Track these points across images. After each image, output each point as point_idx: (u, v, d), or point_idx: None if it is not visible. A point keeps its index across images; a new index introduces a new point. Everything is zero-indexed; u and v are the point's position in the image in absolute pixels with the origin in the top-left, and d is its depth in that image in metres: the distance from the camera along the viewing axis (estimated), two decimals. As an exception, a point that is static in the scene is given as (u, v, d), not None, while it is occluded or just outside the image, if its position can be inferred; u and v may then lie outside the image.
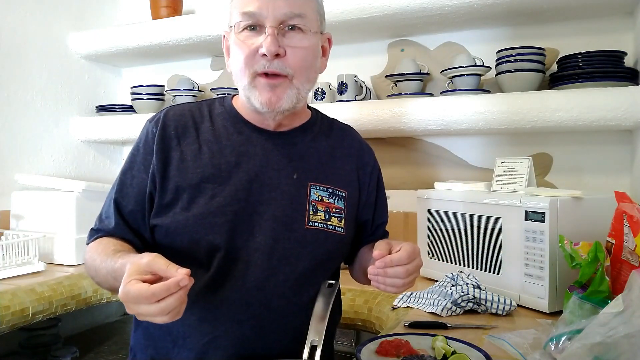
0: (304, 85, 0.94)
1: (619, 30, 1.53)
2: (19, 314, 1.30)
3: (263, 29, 0.89)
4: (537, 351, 0.87)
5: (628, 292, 0.76)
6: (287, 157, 0.97)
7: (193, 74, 2.18)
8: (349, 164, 1.05)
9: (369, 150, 1.11)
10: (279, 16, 0.88)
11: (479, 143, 1.72)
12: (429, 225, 1.46)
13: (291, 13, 0.89)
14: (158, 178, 0.93)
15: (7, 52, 1.89)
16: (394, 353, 0.86)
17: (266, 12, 0.88)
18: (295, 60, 0.91)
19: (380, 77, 1.86)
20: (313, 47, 0.94)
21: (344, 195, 1.01)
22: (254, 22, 0.89)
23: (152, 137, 0.95)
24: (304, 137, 1.01)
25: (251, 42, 0.90)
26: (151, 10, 2.10)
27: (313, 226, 0.96)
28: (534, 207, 1.16)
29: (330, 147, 1.04)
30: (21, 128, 1.95)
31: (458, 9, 1.52)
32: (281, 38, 0.89)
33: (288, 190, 0.95)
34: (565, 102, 1.38)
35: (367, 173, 1.07)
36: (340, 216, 1.00)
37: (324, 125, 1.07)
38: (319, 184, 0.98)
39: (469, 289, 1.15)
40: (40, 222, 1.71)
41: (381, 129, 1.64)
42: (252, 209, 0.92)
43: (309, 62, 0.94)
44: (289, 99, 0.92)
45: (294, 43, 0.90)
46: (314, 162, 1.00)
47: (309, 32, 0.92)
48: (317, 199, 0.97)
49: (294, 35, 0.91)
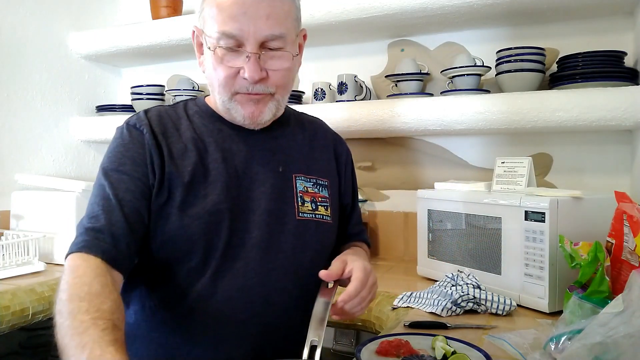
0: (284, 97, 0.96)
1: (619, 30, 1.53)
2: (19, 314, 1.30)
3: (243, 48, 0.87)
4: (537, 351, 0.87)
5: (628, 292, 0.75)
6: (270, 151, 0.98)
7: (193, 74, 2.17)
8: (326, 154, 1.08)
9: (341, 140, 1.15)
10: (259, 38, 0.86)
11: (479, 143, 1.72)
12: (429, 225, 1.46)
13: (272, 35, 0.87)
14: (157, 173, 0.89)
15: (7, 52, 1.89)
16: (394, 353, 0.86)
17: (247, 35, 0.85)
18: (276, 80, 0.91)
19: (380, 77, 1.86)
20: (294, 64, 0.93)
21: (326, 184, 1.04)
22: (233, 44, 0.87)
23: (140, 135, 0.91)
24: (283, 131, 1.02)
25: (231, 63, 0.88)
26: (151, 10, 2.09)
27: (303, 217, 0.97)
28: (534, 207, 1.16)
29: (307, 138, 1.06)
30: (21, 128, 1.95)
31: (458, 9, 1.52)
32: (263, 59, 0.88)
33: (276, 184, 0.96)
34: (565, 102, 1.38)
35: (342, 162, 1.11)
36: (326, 205, 1.02)
37: (296, 119, 1.09)
38: (303, 174, 1.00)
39: (469, 289, 1.15)
40: (40, 222, 1.70)
41: (381, 129, 1.64)
42: (245, 205, 0.93)
43: (289, 78, 0.95)
44: (270, 112, 0.94)
45: (276, 66, 0.90)
46: (295, 154, 1.02)
47: (290, 52, 0.90)
48: (303, 190, 0.99)
49: (276, 57, 0.89)
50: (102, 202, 0.87)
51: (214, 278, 0.89)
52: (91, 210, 0.88)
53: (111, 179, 0.88)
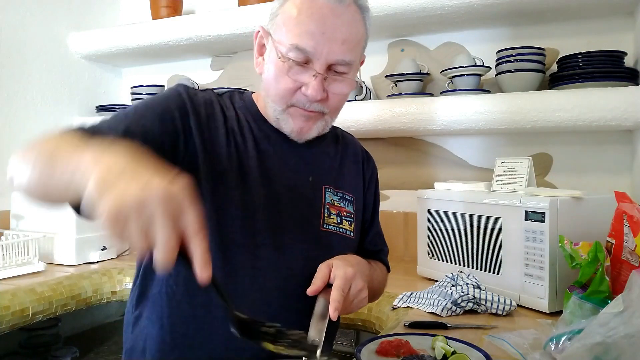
0: (333, 118, 0.96)
1: (619, 30, 1.53)
2: (19, 314, 1.30)
3: (310, 65, 0.86)
4: (537, 351, 0.87)
5: (628, 292, 0.75)
6: (303, 159, 0.98)
7: (193, 74, 2.18)
8: (354, 170, 1.07)
9: (370, 158, 1.14)
10: (330, 61, 0.86)
11: (479, 143, 1.72)
12: (429, 225, 1.46)
13: (342, 61, 0.87)
14: (182, 141, 0.84)
15: (7, 52, 1.89)
16: (394, 353, 0.86)
17: (319, 55, 0.85)
18: (334, 104, 0.91)
19: (380, 77, 1.86)
20: (352, 90, 0.94)
21: (352, 200, 1.03)
22: (303, 59, 0.86)
23: (184, 100, 0.87)
24: (319, 142, 1.01)
25: (295, 76, 0.87)
26: (151, 10, 2.10)
27: (327, 229, 0.97)
28: (534, 207, 1.16)
29: (340, 153, 1.06)
30: (21, 128, 1.95)
31: (458, 9, 1.52)
32: (327, 81, 0.88)
33: (305, 192, 0.96)
34: (565, 102, 1.38)
35: (367, 179, 1.10)
36: (350, 220, 1.02)
37: (332, 132, 1.08)
38: (332, 187, 1.00)
39: (469, 289, 1.15)
40: (40, 222, 1.71)
41: (381, 129, 1.64)
42: (273, 207, 0.91)
43: (344, 102, 0.95)
44: (317, 129, 0.94)
45: (338, 90, 0.89)
46: (326, 166, 1.02)
47: (353, 79, 0.90)
48: (331, 202, 0.99)
49: (339, 81, 0.89)
50: (112, 122, 0.82)
51: (232, 275, 0.87)
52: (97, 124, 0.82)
53: (136, 110, 0.85)
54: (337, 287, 0.82)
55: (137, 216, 0.50)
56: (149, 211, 0.50)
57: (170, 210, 0.51)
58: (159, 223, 0.50)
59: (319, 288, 0.85)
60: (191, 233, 0.53)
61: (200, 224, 0.53)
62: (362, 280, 0.87)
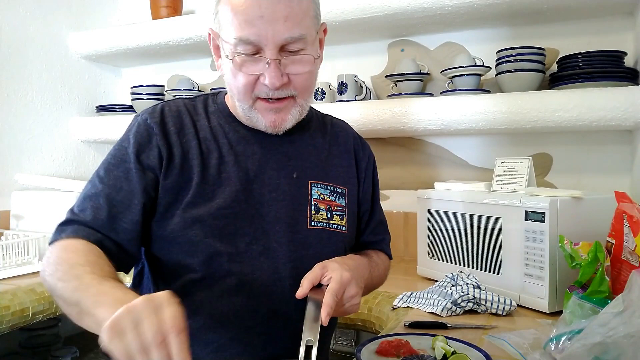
0: (307, 100, 0.92)
1: (619, 30, 1.53)
2: (19, 314, 1.30)
3: (262, 53, 0.82)
4: (537, 351, 0.87)
5: (628, 292, 0.75)
6: (285, 155, 0.95)
7: (193, 74, 2.18)
8: (346, 160, 1.03)
9: (364, 144, 1.09)
10: (279, 42, 0.81)
11: (479, 143, 1.72)
12: (429, 225, 1.46)
13: (291, 38, 0.82)
14: (161, 174, 0.86)
15: (7, 52, 1.89)
16: (394, 353, 0.86)
17: (265, 40, 0.81)
18: (300, 84, 0.87)
19: (380, 77, 1.86)
20: (315, 65, 0.89)
21: (344, 192, 1.00)
22: (251, 50, 0.82)
23: (150, 131, 0.88)
24: (302, 135, 0.98)
25: (250, 70, 0.84)
26: (151, 10, 2.10)
27: (315, 226, 0.94)
28: (534, 207, 1.16)
29: (327, 143, 1.02)
30: (21, 128, 1.95)
31: (458, 9, 1.52)
32: (283, 64, 0.83)
33: (289, 190, 0.93)
34: (565, 102, 1.38)
35: (362, 168, 1.06)
36: (342, 214, 0.98)
37: (319, 121, 1.04)
38: (319, 182, 0.97)
39: (469, 289, 1.15)
40: (40, 222, 1.71)
41: (381, 129, 1.64)
42: (254, 210, 0.89)
43: (312, 81, 0.91)
44: (293, 118, 0.90)
45: (298, 70, 0.85)
46: (313, 160, 0.98)
47: (311, 54, 0.86)
48: (319, 198, 0.96)
49: (297, 61, 0.85)
50: (86, 197, 0.87)
51: (217, 284, 0.87)
52: (81, 202, 0.87)
53: (107, 175, 0.87)
54: (330, 291, 0.78)
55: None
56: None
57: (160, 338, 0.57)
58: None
59: (307, 291, 0.81)
60: None
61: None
62: (357, 287, 0.84)
